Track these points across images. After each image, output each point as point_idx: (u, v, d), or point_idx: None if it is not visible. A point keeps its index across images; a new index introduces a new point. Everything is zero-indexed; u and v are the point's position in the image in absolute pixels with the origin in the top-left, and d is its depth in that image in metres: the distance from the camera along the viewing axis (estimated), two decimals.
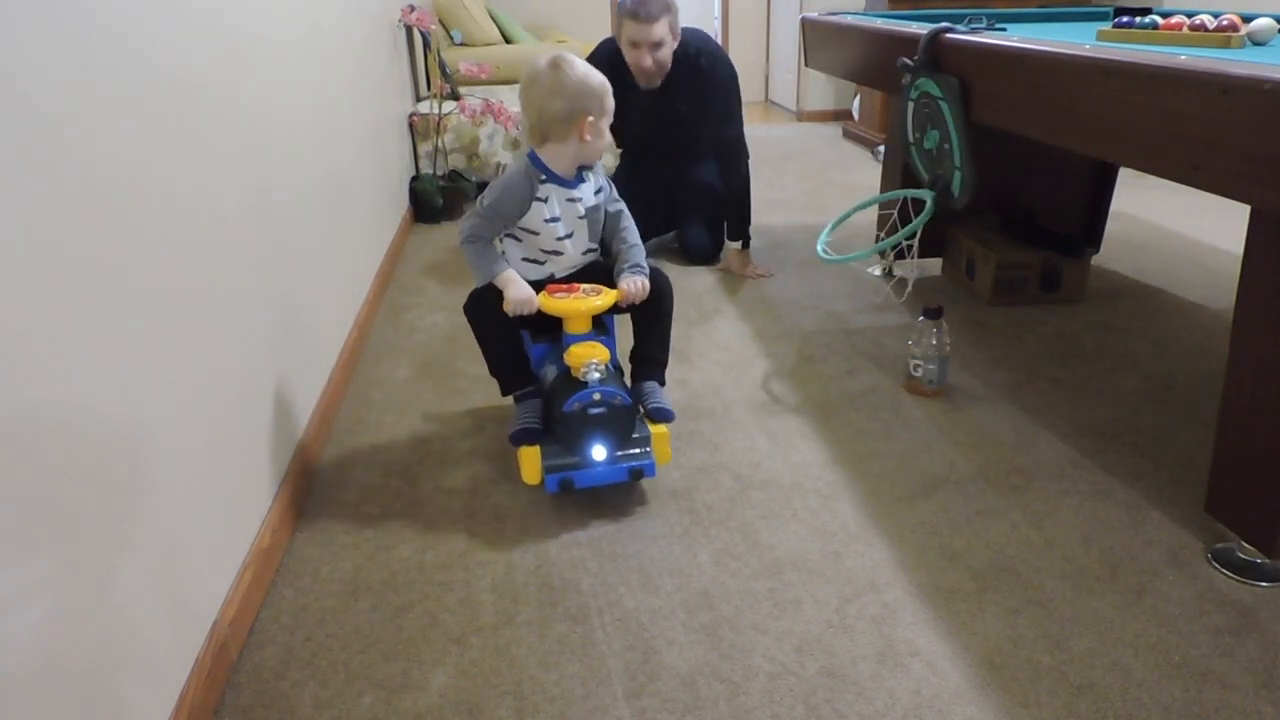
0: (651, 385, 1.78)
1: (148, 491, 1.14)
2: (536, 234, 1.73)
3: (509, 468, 1.84)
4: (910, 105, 2.35)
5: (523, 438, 1.68)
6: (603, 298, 1.65)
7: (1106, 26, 2.08)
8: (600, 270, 1.80)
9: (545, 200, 1.70)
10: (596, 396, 1.59)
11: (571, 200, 1.72)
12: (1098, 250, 2.94)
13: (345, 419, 2.07)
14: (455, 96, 3.90)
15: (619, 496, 1.73)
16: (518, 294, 1.66)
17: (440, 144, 3.91)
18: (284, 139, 1.90)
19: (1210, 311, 2.60)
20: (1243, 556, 1.48)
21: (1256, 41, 1.84)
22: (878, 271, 3.02)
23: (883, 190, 3.03)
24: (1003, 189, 2.85)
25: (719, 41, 7.48)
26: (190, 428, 1.29)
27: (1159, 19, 2.01)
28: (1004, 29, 2.22)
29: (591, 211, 1.75)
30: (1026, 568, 1.51)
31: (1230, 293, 1.48)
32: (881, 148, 4.51)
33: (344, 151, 2.54)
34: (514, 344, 1.77)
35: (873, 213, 3.17)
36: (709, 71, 2.90)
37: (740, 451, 1.90)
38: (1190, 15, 1.95)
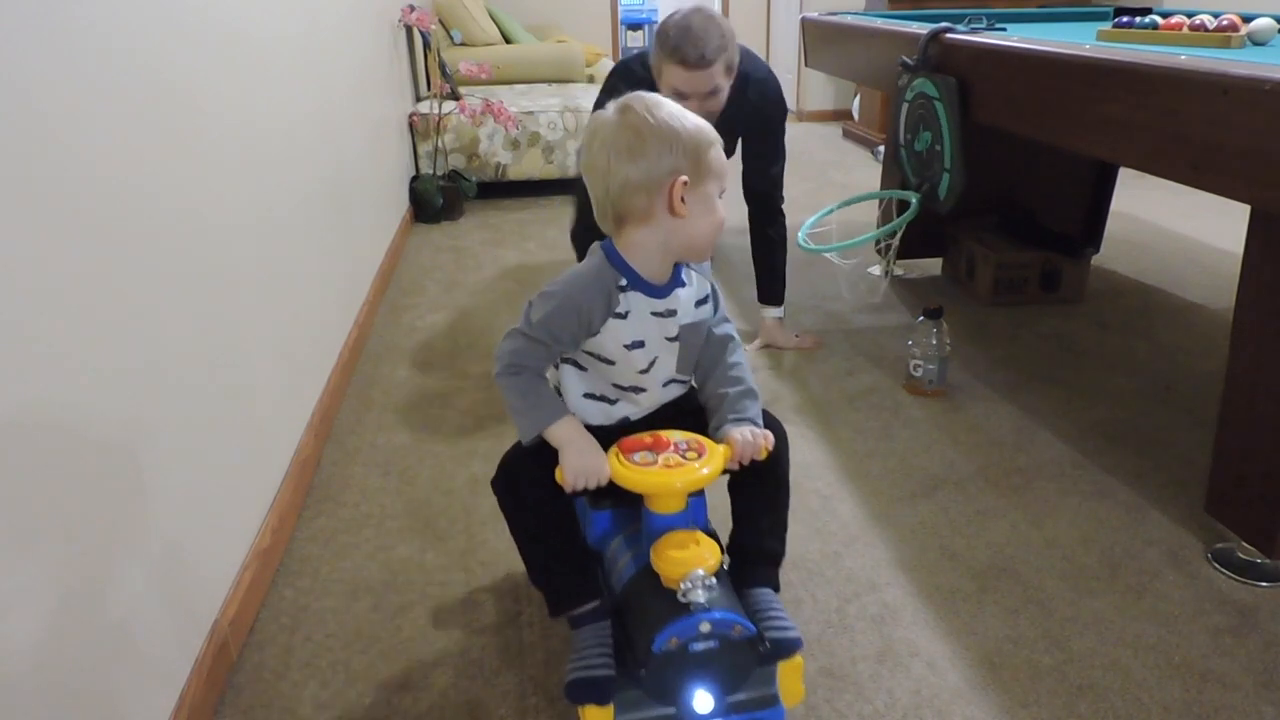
0: (768, 596, 1.20)
1: (148, 492, 1.14)
2: (610, 364, 1.16)
3: None
4: (905, 106, 2.35)
5: (589, 694, 1.08)
6: (708, 462, 1.07)
7: (1106, 26, 2.08)
8: (688, 409, 1.25)
9: (625, 316, 1.11)
10: (705, 627, 1.04)
11: (661, 315, 1.14)
12: (1098, 250, 2.94)
13: (345, 419, 2.07)
14: (455, 96, 3.90)
15: None
16: (581, 461, 1.08)
17: (440, 144, 3.91)
18: (284, 139, 1.90)
19: (1210, 311, 2.60)
20: (1243, 556, 1.48)
21: (1256, 41, 1.85)
22: (878, 271, 3.03)
23: (880, 190, 3.04)
24: (1003, 189, 2.85)
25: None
26: (190, 428, 1.29)
27: (1159, 19, 2.01)
28: (1004, 29, 2.22)
29: (688, 332, 1.18)
30: (1026, 568, 1.51)
31: (1230, 293, 1.48)
32: (881, 148, 4.52)
33: (344, 151, 2.54)
34: (569, 536, 1.19)
35: (870, 211, 3.17)
36: (759, 105, 2.26)
37: None
38: (1190, 15, 1.96)
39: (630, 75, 2.21)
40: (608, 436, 1.12)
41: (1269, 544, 1.43)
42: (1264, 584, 1.44)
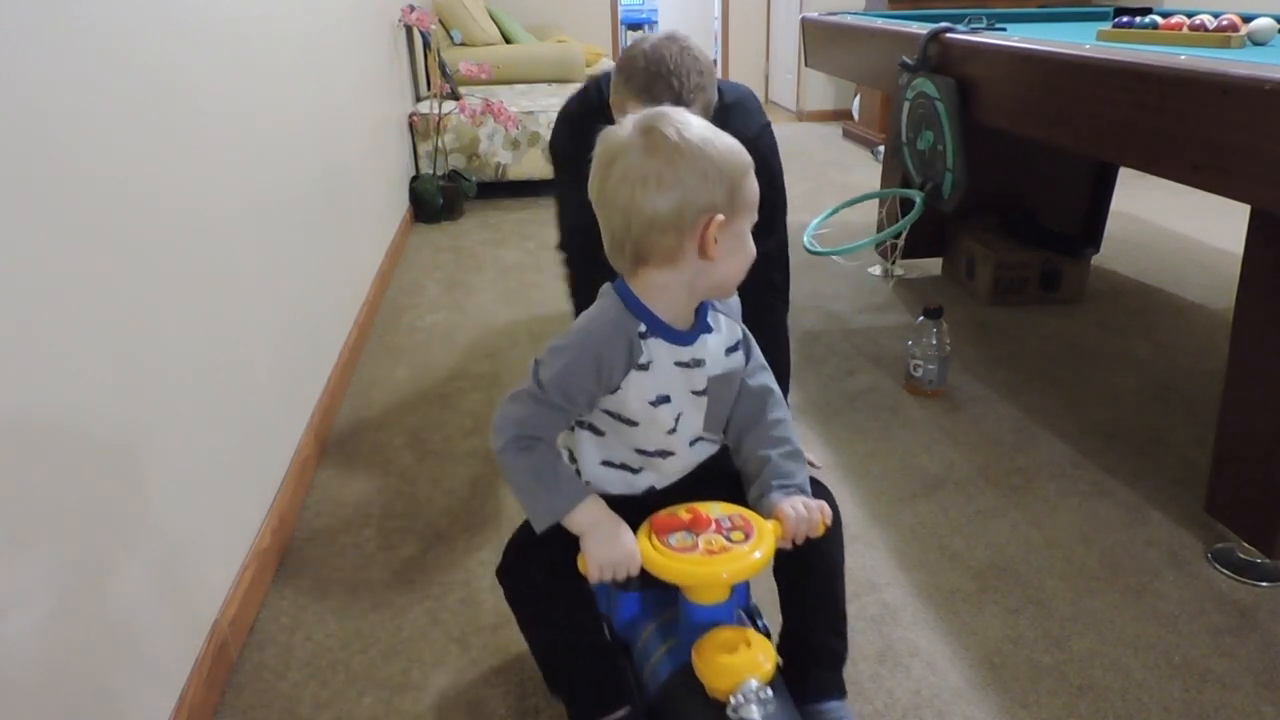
0: (836, 712, 1.06)
1: (148, 492, 1.14)
2: (632, 425, 0.99)
3: None
4: (906, 105, 2.35)
5: None
6: (758, 544, 0.90)
7: (1106, 26, 2.08)
8: (721, 473, 1.08)
9: (647, 367, 0.95)
10: None
11: (687, 365, 0.98)
12: (1098, 250, 2.94)
13: (345, 419, 2.07)
14: (455, 96, 3.90)
15: None
16: (608, 551, 0.92)
17: (440, 144, 3.91)
18: (284, 139, 1.90)
19: (1210, 311, 2.60)
20: (1243, 556, 1.48)
21: (1256, 41, 1.85)
22: (878, 271, 3.03)
23: (880, 189, 3.04)
24: (1003, 189, 2.85)
25: (720, 44, 7.48)
26: (190, 428, 1.29)
27: (1159, 19, 2.01)
28: (1004, 29, 2.22)
29: (718, 384, 1.01)
30: (1026, 568, 1.51)
31: (1230, 293, 1.48)
32: (881, 148, 4.52)
33: (344, 151, 2.54)
34: (592, 634, 1.05)
35: (871, 211, 3.18)
36: (742, 129, 1.76)
37: None
38: (1190, 15, 1.96)
39: (581, 109, 1.82)
40: (632, 509, 0.96)
41: (1269, 544, 1.43)
42: (1264, 584, 1.44)
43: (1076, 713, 1.21)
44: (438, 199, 3.72)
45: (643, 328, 0.94)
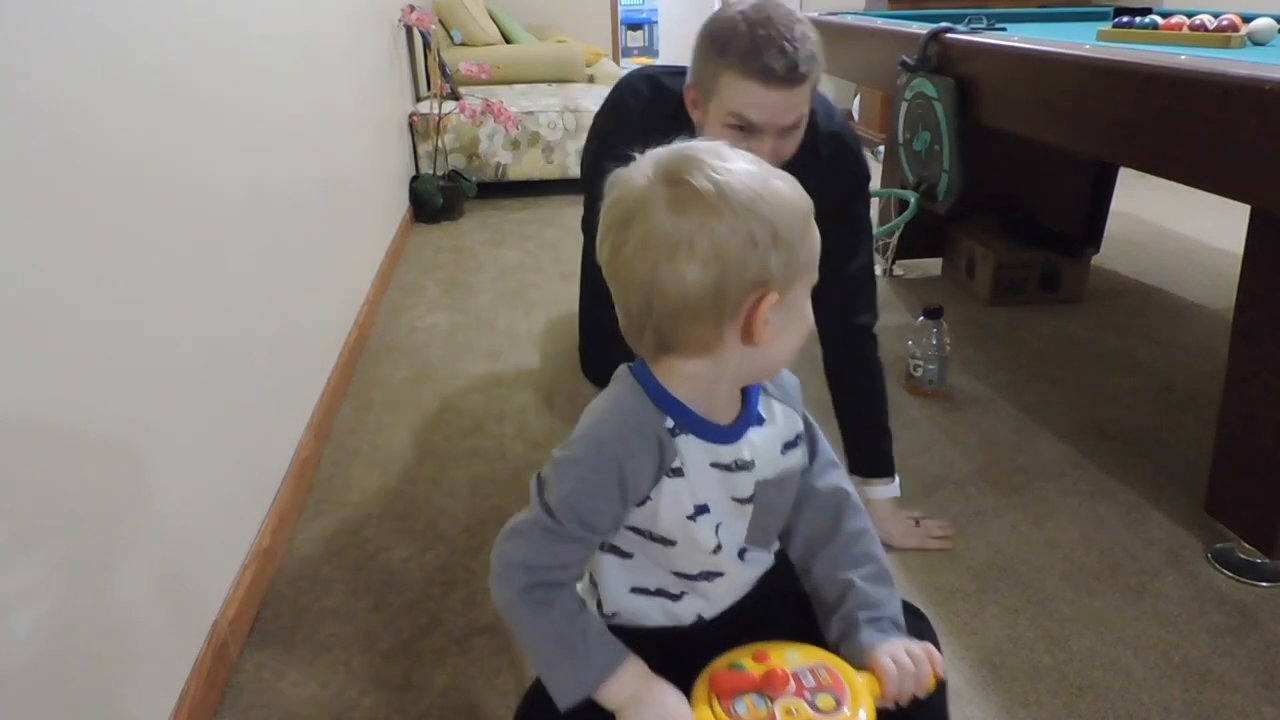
0: None
1: (148, 492, 1.14)
2: (668, 544, 0.79)
3: (508, 468, 1.84)
4: (904, 105, 2.35)
5: None
6: (856, 706, 0.71)
7: (1106, 26, 2.08)
8: (781, 593, 0.87)
9: (682, 472, 0.75)
10: None
11: (728, 469, 0.77)
12: (1098, 250, 2.94)
13: (345, 419, 2.07)
14: (455, 96, 3.90)
15: None
16: None
17: (440, 144, 3.91)
18: (284, 139, 1.90)
19: (1210, 311, 2.60)
20: (1243, 556, 1.48)
21: (1256, 41, 1.85)
22: (877, 271, 3.02)
23: (879, 189, 3.04)
24: (1003, 189, 2.85)
25: None
26: (190, 428, 1.29)
27: (1159, 19, 2.01)
28: (1004, 29, 2.22)
29: (771, 490, 0.80)
30: (1026, 568, 1.51)
31: (1230, 293, 1.48)
32: (881, 147, 4.52)
33: (344, 151, 2.54)
34: None
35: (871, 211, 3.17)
36: (834, 167, 1.51)
37: None
38: (1190, 15, 1.96)
39: (627, 112, 1.55)
40: (679, 647, 0.77)
41: (1269, 544, 1.43)
42: (1264, 584, 1.44)
43: (1076, 713, 1.21)
44: (438, 199, 3.72)
45: (670, 423, 0.74)
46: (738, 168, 0.69)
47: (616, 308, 0.74)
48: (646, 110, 1.53)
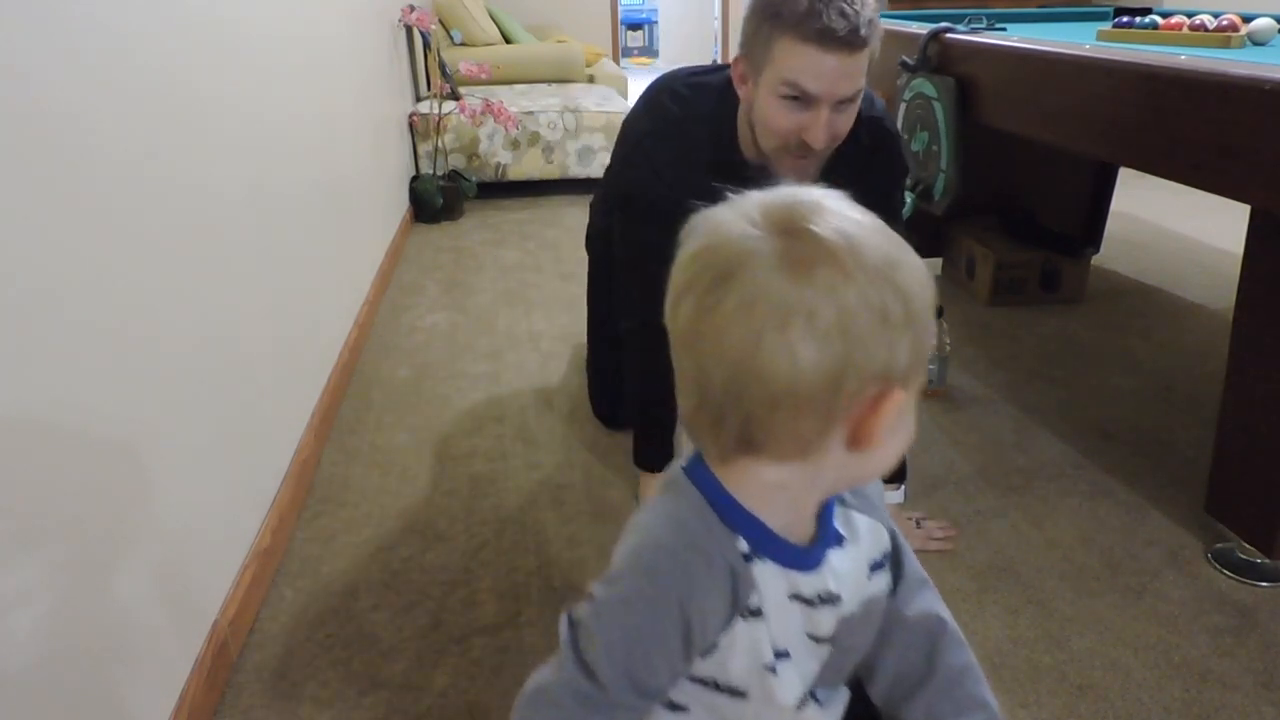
0: None
1: (148, 492, 1.14)
2: (739, 696, 0.64)
3: (509, 467, 1.84)
4: (903, 105, 2.35)
5: None
6: None
7: (1106, 26, 2.08)
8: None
9: (761, 612, 0.62)
10: None
11: (809, 603, 0.64)
12: (1098, 250, 2.94)
13: (345, 419, 2.07)
14: (455, 96, 3.90)
15: (621, 499, 1.73)
16: None
17: (440, 144, 3.91)
18: (284, 139, 1.90)
19: (1210, 311, 2.60)
20: (1243, 556, 1.48)
21: (1256, 41, 1.85)
22: None
23: None
24: (1002, 189, 2.85)
25: (720, 45, 7.46)
26: (190, 427, 1.29)
27: (1159, 19, 2.01)
28: (1004, 29, 2.22)
29: (853, 625, 0.67)
30: (1026, 568, 1.51)
31: (1230, 293, 1.48)
32: None
33: (344, 151, 2.54)
34: None
35: None
36: (874, 154, 1.49)
37: None
38: (1190, 15, 1.95)
39: (664, 113, 1.47)
40: None
41: (1269, 544, 1.43)
42: (1264, 584, 1.44)
43: (1076, 713, 1.21)
44: (438, 199, 3.72)
45: (745, 546, 0.60)
46: (865, 220, 0.56)
47: (682, 387, 0.58)
48: (685, 108, 1.47)
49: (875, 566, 0.68)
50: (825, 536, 0.64)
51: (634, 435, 1.70)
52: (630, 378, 1.67)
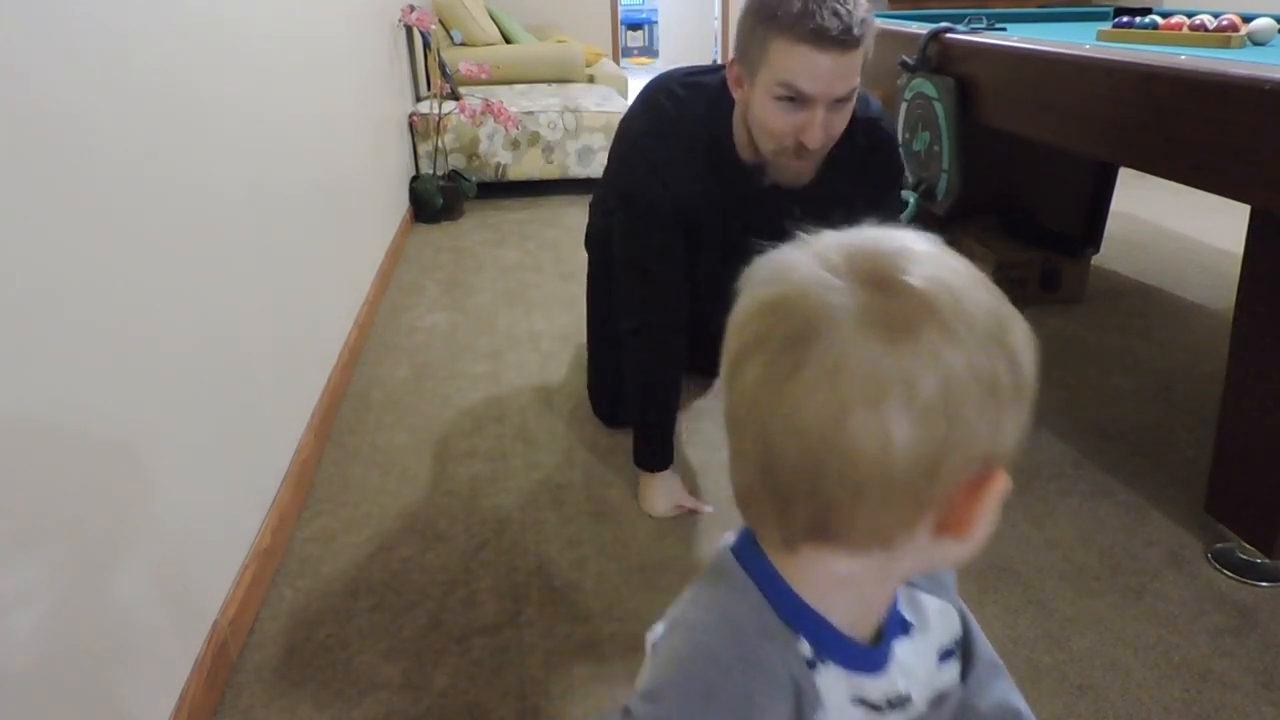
0: None
1: (148, 492, 1.14)
2: None
3: (509, 467, 1.84)
4: (904, 105, 2.35)
5: None
6: None
7: (1106, 26, 2.08)
8: None
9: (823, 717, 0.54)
10: None
11: (879, 708, 0.56)
12: (1098, 250, 2.94)
13: (345, 419, 2.07)
14: (455, 96, 3.90)
15: (621, 499, 1.73)
16: None
17: (440, 144, 3.91)
18: (284, 139, 1.90)
19: (1210, 311, 2.60)
20: (1243, 556, 1.48)
21: (1256, 41, 1.85)
22: None
23: None
24: (1003, 189, 2.85)
25: (719, 45, 7.45)
26: (190, 427, 1.29)
27: (1159, 19, 2.01)
28: (1004, 29, 2.22)
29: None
30: (1026, 568, 1.51)
31: (1230, 292, 1.48)
32: None
33: (344, 151, 2.54)
34: None
35: None
36: (870, 155, 1.49)
37: None
38: (1190, 15, 1.95)
39: (662, 112, 1.47)
40: None
41: (1269, 544, 1.43)
42: (1264, 584, 1.44)
43: (1076, 712, 1.21)
44: (438, 199, 3.72)
45: (808, 650, 0.52)
46: (964, 268, 0.48)
47: (739, 461, 0.50)
48: (681, 108, 1.48)
49: (945, 655, 0.60)
50: (891, 626, 0.56)
51: (634, 435, 1.71)
52: (630, 378, 1.68)
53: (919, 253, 0.47)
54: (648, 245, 1.53)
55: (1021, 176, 2.84)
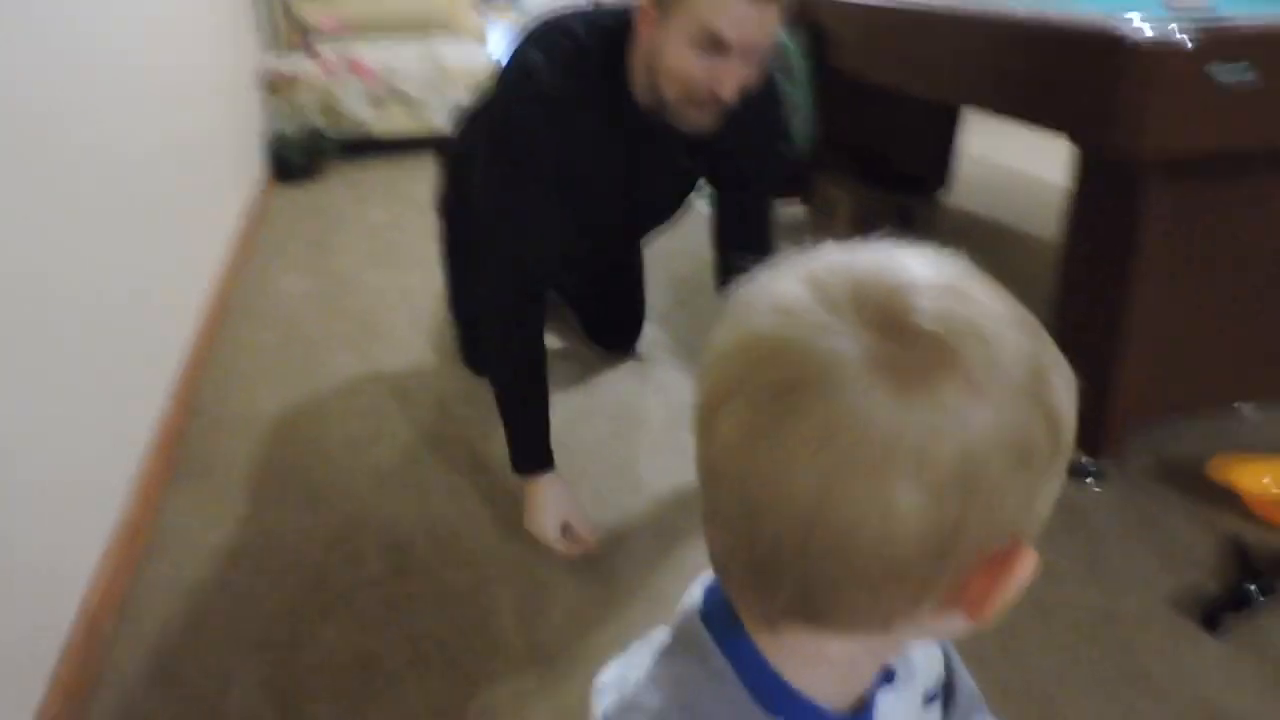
0: None
1: None
2: None
3: (386, 424, 1.83)
4: None
5: None
6: None
7: None
8: None
9: None
10: None
11: None
12: (948, 190, 3.10)
13: (211, 387, 2.00)
14: (312, 51, 3.75)
15: (500, 448, 1.72)
16: None
17: (298, 101, 3.76)
18: (129, 98, 1.80)
19: (1046, 242, 2.80)
20: (1076, 463, 1.62)
21: None
22: None
23: None
24: (859, 134, 2.96)
25: None
26: (39, 401, 1.23)
27: None
28: None
29: None
30: None
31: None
32: None
33: (194, 110, 2.41)
34: None
35: None
36: (762, 112, 1.45)
37: None
38: None
39: (583, 29, 1.36)
40: None
41: (1094, 448, 1.58)
42: (1093, 485, 1.59)
43: None
44: (298, 159, 3.58)
45: None
46: (995, 306, 0.41)
47: (716, 525, 0.43)
48: (578, 44, 1.35)
49: (930, 699, 0.54)
50: (886, 674, 0.50)
51: (507, 436, 1.47)
52: (492, 356, 1.49)
53: (941, 285, 0.40)
54: (519, 197, 1.38)
55: (877, 122, 2.96)
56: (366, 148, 4.00)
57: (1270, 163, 1.45)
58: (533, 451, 1.45)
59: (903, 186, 2.83)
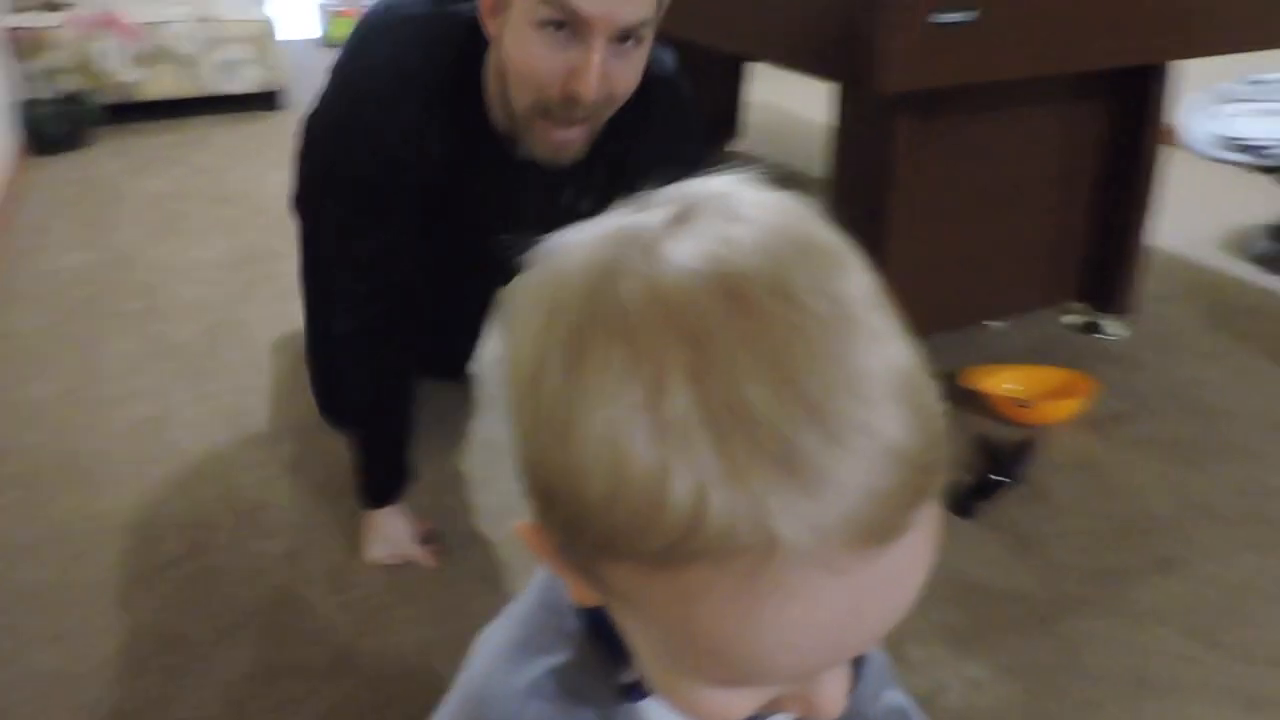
0: None
1: None
2: None
3: (177, 402, 1.75)
4: None
5: None
6: None
7: None
8: None
9: None
10: None
11: None
12: (740, 137, 3.24)
13: None
14: (60, 6, 3.41)
15: (302, 417, 1.69)
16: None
17: (50, 63, 3.42)
18: None
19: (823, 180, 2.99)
20: None
21: None
22: None
23: None
24: None
25: None
26: None
27: None
28: None
29: None
30: None
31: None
32: None
33: None
34: None
35: None
36: (669, 124, 1.22)
37: None
38: None
39: (418, 28, 1.11)
40: None
41: None
42: None
43: None
44: (55, 127, 3.27)
45: (632, 675, 0.44)
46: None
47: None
48: (423, 45, 1.10)
49: None
50: None
51: (357, 467, 1.32)
52: (346, 389, 1.35)
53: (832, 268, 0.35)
54: (356, 228, 1.18)
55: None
56: (136, 112, 3.70)
57: (1001, 97, 1.63)
58: (382, 486, 1.31)
59: None
